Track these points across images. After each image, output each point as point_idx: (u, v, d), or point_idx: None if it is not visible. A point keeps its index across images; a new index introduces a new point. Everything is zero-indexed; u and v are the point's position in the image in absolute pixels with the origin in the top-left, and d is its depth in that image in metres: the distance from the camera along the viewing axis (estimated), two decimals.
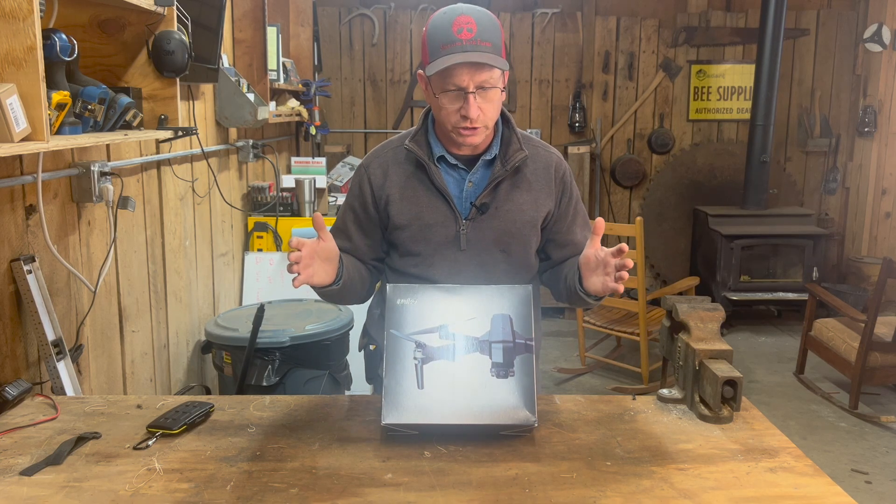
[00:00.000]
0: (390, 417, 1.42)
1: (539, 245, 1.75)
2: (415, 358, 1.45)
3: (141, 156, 2.56)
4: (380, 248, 1.75)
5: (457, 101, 1.53)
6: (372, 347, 1.85)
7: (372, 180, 1.68)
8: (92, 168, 2.10)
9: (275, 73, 3.93)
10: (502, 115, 1.68)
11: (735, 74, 5.85)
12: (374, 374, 1.85)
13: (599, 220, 1.47)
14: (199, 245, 3.17)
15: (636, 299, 4.05)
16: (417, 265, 1.66)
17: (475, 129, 1.56)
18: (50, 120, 1.54)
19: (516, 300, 1.50)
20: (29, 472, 1.31)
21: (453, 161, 1.66)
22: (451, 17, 1.51)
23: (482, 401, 1.43)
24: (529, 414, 1.43)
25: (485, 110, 1.54)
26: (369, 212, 1.70)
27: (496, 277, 1.65)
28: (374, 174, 1.69)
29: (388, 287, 1.52)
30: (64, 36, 1.61)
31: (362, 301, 1.79)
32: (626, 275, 1.42)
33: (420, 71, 1.60)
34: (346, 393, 3.05)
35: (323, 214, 3.95)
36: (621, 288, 1.45)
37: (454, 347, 1.47)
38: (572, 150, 5.53)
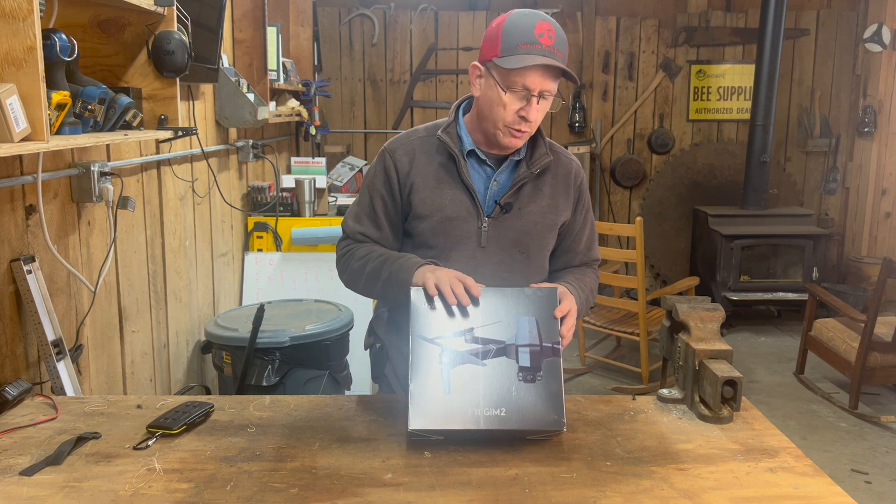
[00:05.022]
0: (417, 423, 1.39)
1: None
2: (441, 362, 1.44)
3: (141, 156, 2.56)
4: (401, 237, 1.74)
5: (520, 101, 1.55)
6: (377, 346, 1.84)
7: (398, 166, 1.67)
8: (92, 168, 2.10)
9: (275, 73, 3.93)
10: None
11: (735, 74, 5.85)
12: (379, 372, 1.85)
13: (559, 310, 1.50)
14: (199, 245, 3.17)
15: (636, 299, 4.05)
16: (434, 259, 1.65)
17: (525, 132, 1.59)
18: (50, 120, 1.54)
19: (542, 303, 1.49)
20: (29, 472, 1.31)
21: (482, 157, 1.67)
22: (533, 21, 1.53)
23: (510, 405, 1.41)
24: (558, 417, 1.41)
25: (539, 115, 1.57)
26: (395, 198, 1.69)
27: (512, 277, 1.65)
28: (399, 161, 1.68)
29: (412, 290, 1.50)
30: (64, 36, 1.61)
31: None
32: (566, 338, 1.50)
33: (477, 63, 1.61)
34: (346, 393, 3.05)
35: (322, 214, 3.96)
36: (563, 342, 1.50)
37: (480, 351, 1.45)
38: (572, 150, 5.53)
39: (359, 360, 3.00)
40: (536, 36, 1.51)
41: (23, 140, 1.43)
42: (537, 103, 1.54)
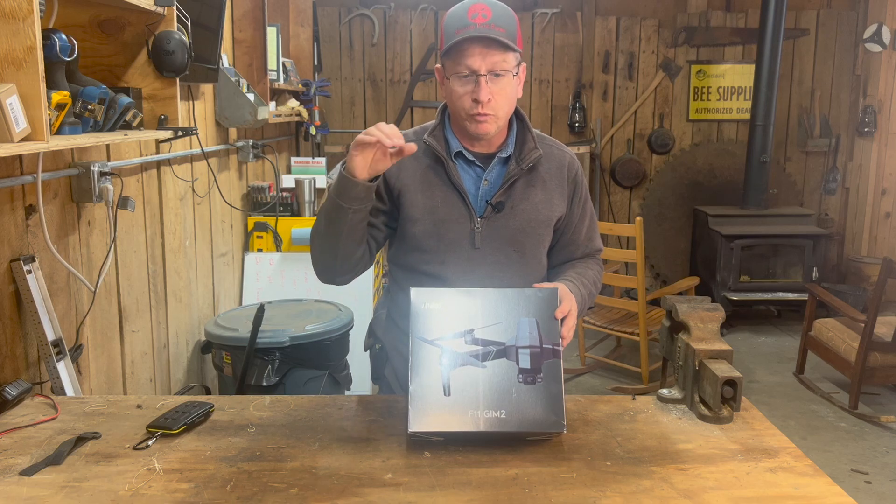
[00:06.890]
0: (417, 425, 1.39)
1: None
2: (441, 364, 1.43)
3: (141, 156, 2.56)
4: (382, 238, 1.72)
5: (468, 84, 1.54)
6: (377, 347, 1.84)
7: (386, 171, 1.67)
8: (92, 168, 2.10)
9: (275, 73, 3.93)
10: (517, 113, 1.68)
11: (735, 74, 5.85)
12: (379, 373, 1.85)
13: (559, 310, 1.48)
14: (199, 245, 3.17)
15: (636, 299, 4.05)
16: (429, 262, 1.64)
17: (487, 115, 1.56)
18: (50, 120, 1.54)
19: (542, 304, 1.48)
20: (29, 472, 1.31)
21: (470, 157, 1.66)
22: (467, 5, 1.55)
23: (510, 407, 1.41)
24: (558, 419, 1.41)
25: (496, 96, 1.55)
26: (384, 201, 1.68)
27: (509, 276, 1.64)
28: None
29: (411, 291, 1.49)
30: (64, 36, 1.61)
31: (346, 272, 1.65)
32: (566, 338, 1.48)
33: (437, 65, 1.62)
34: (346, 393, 3.05)
35: None
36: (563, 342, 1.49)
37: (480, 353, 1.44)
38: (572, 150, 5.53)
39: (359, 360, 3.00)
40: (469, 18, 1.52)
41: (23, 140, 1.43)
42: (486, 83, 1.53)
